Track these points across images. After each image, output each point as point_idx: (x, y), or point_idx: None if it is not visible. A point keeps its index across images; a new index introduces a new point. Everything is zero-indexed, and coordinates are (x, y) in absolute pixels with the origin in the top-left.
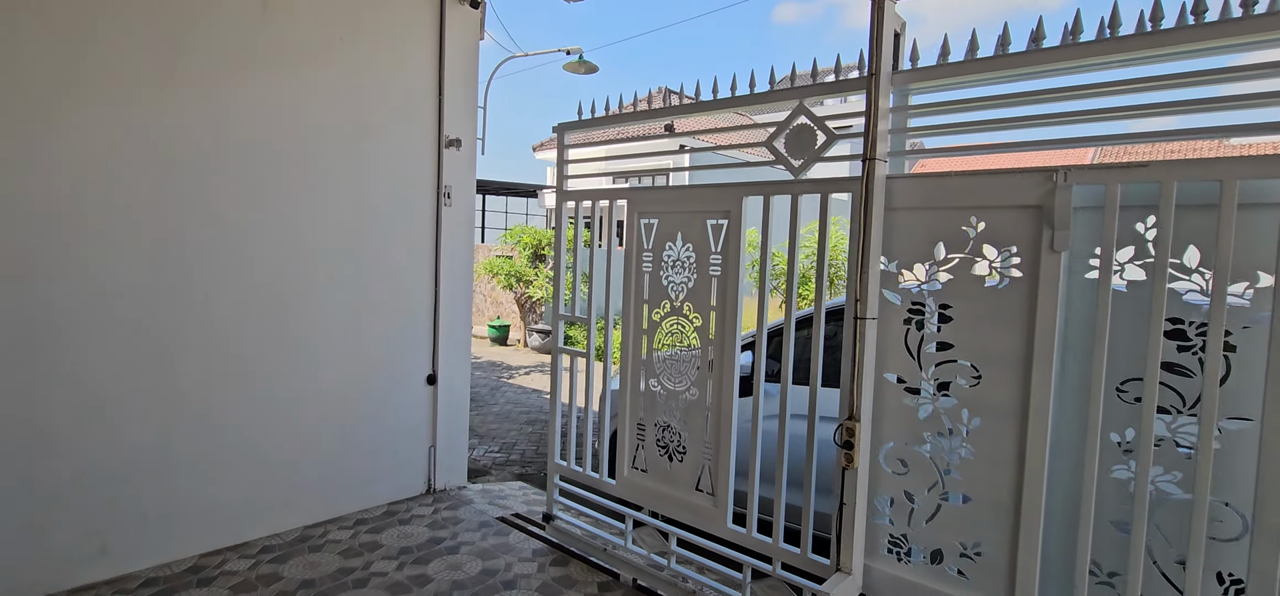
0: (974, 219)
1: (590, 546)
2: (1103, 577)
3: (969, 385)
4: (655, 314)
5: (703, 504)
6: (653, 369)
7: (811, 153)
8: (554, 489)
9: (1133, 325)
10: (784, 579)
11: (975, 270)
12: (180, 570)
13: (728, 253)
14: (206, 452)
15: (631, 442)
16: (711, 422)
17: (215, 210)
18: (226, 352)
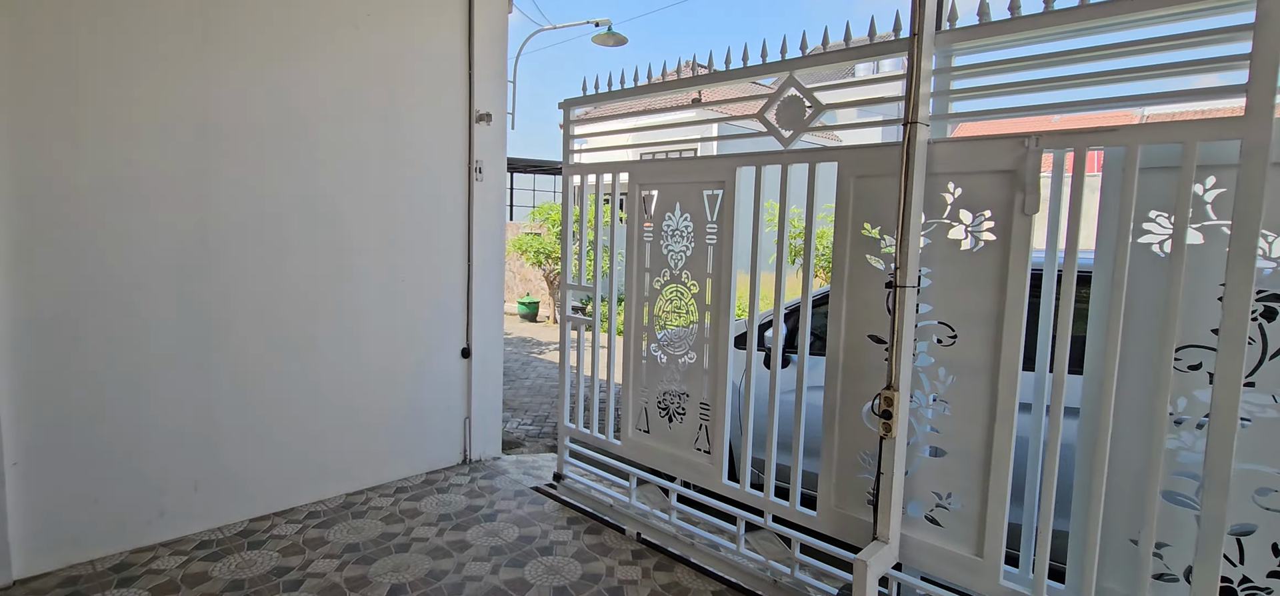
0: (951, 184)
1: (599, 503)
2: (1152, 549)
3: (945, 344)
4: (656, 282)
5: (701, 461)
6: (654, 335)
7: (801, 123)
8: (564, 450)
9: (1190, 291)
10: (774, 530)
11: (951, 234)
12: (232, 533)
13: (722, 222)
14: (252, 422)
15: (635, 404)
16: (708, 385)
17: (252, 185)
18: (268, 325)
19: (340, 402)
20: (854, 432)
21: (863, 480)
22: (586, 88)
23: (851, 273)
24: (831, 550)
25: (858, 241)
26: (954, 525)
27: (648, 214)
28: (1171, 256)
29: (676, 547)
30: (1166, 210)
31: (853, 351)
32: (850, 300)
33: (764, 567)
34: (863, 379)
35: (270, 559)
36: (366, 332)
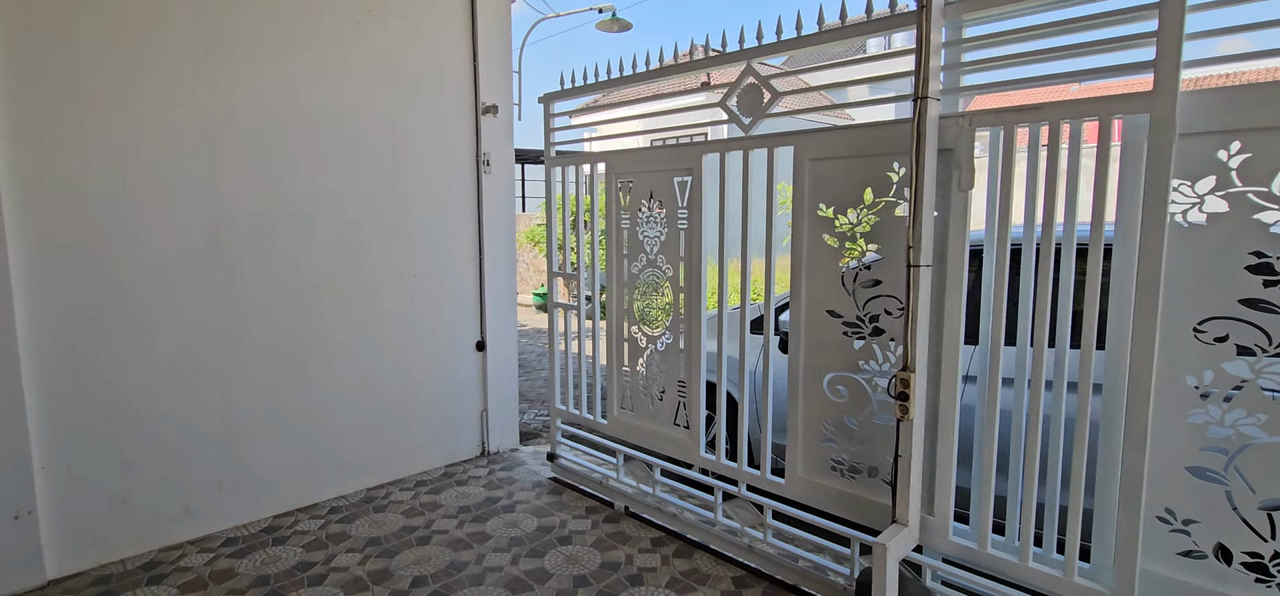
0: (896, 164)
1: (590, 480)
2: (1177, 525)
3: (895, 316)
4: (634, 267)
5: (680, 436)
6: (634, 317)
7: (760, 109)
8: (557, 431)
9: (1212, 261)
10: (748, 498)
11: (898, 212)
12: (256, 530)
13: (692, 207)
14: (271, 420)
15: (619, 385)
16: (685, 364)
17: (262, 184)
18: (283, 324)
19: (358, 398)
20: (816, 404)
21: (826, 447)
22: (564, 82)
23: (809, 252)
24: (816, 521)
25: (814, 222)
26: None
27: (625, 202)
28: (1092, 232)
29: (674, 525)
30: (1190, 178)
31: (813, 327)
32: (809, 278)
33: (788, 556)
34: (822, 353)
35: (294, 554)
36: (381, 328)
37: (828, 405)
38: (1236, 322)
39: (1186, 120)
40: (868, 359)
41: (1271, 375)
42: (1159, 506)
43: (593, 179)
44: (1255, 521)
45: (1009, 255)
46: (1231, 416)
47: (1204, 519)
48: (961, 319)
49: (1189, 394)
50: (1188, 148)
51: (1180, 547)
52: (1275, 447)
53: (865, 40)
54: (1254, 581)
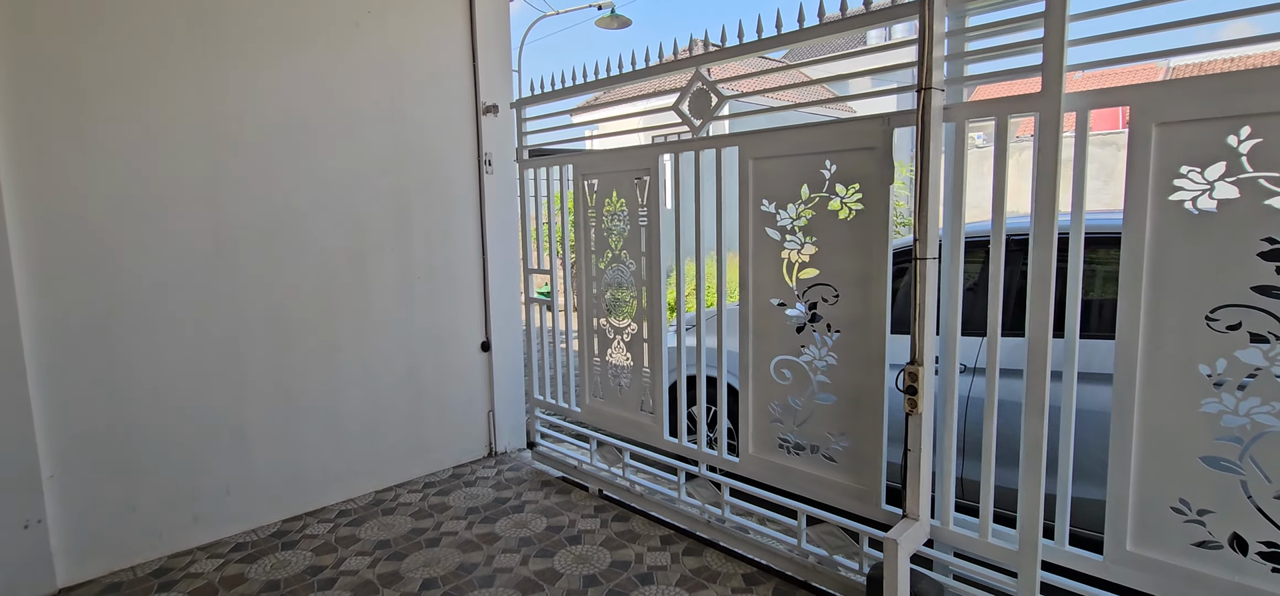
0: (828, 162)
1: (566, 464)
2: (1192, 516)
3: (830, 303)
4: (600, 262)
5: (646, 421)
6: (602, 309)
7: (708, 112)
8: (535, 420)
9: (1223, 248)
10: (709, 477)
11: (831, 206)
12: (266, 535)
13: (651, 204)
14: (278, 425)
15: (590, 374)
16: (648, 352)
17: (263, 189)
18: (287, 328)
19: (364, 401)
20: (764, 386)
21: (774, 427)
22: (535, 88)
23: (754, 245)
24: (774, 499)
25: (758, 217)
26: (846, 459)
27: (591, 201)
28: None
29: (679, 521)
30: (1199, 164)
31: (759, 314)
32: (755, 269)
33: (796, 549)
34: (768, 338)
35: (304, 558)
36: (386, 331)
37: (774, 387)
38: (1249, 310)
39: (1193, 106)
40: (808, 344)
41: None
42: (1173, 497)
43: (562, 180)
44: (1271, 510)
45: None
46: (1246, 405)
47: (1219, 509)
48: (886, 306)
49: (1202, 383)
50: (1196, 133)
51: (1195, 538)
52: None
53: (832, 39)
54: (1270, 571)
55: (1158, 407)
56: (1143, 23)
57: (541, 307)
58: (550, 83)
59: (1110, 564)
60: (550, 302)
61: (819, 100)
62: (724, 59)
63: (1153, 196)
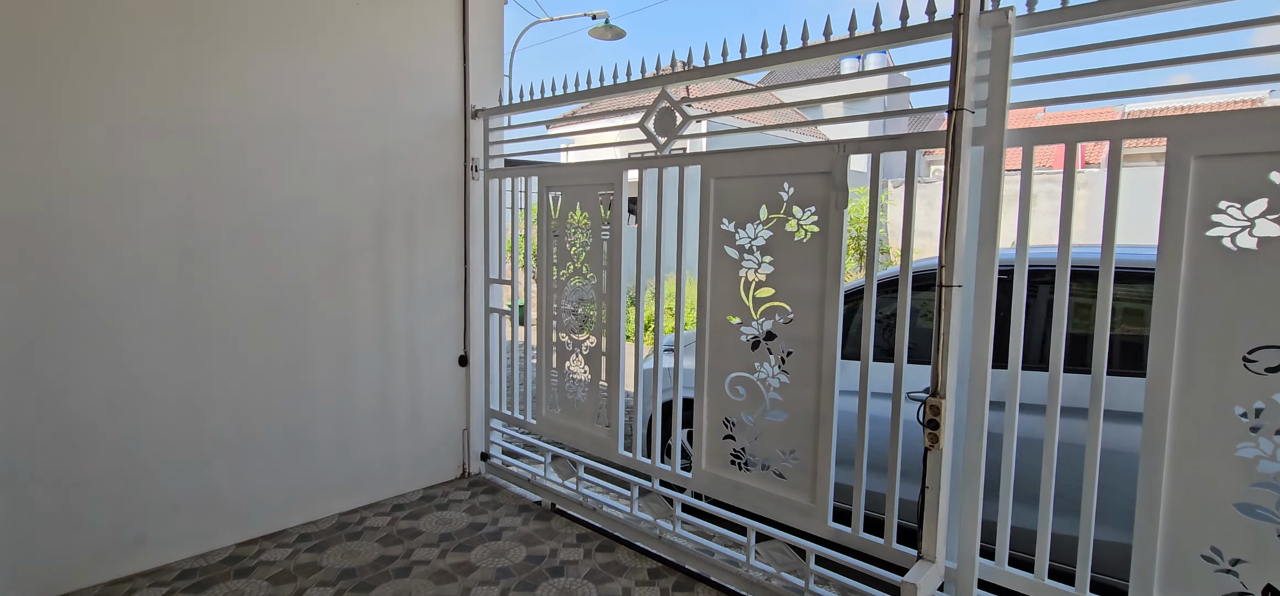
0: (786, 184)
1: (519, 478)
2: (1223, 565)
3: (785, 322)
4: (562, 274)
5: (602, 435)
6: (562, 322)
7: (673, 130)
8: (490, 431)
9: (1263, 287)
10: (661, 493)
11: (788, 227)
12: (218, 560)
13: (614, 219)
14: (240, 439)
15: (547, 386)
16: (606, 366)
17: (239, 187)
18: (257, 335)
19: (332, 416)
20: (719, 402)
21: (726, 443)
22: (503, 99)
23: (713, 263)
24: (739, 520)
25: (718, 235)
26: (795, 476)
27: (555, 213)
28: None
29: (658, 547)
30: (1239, 200)
31: (716, 331)
32: (713, 287)
33: (745, 566)
34: (724, 355)
35: (259, 589)
36: (358, 342)
37: (728, 403)
38: None
39: (1236, 140)
40: (762, 361)
41: None
42: (1204, 545)
43: (527, 191)
44: None
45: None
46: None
47: (1253, 559)
48: (838, 326)
49: (1237, 426)
50: (1237, 167)
51: (1227, 589)
52: None
53: (805, 65)
54: None
55: (1189, 450)
56: (1080, 66)
57: (499, 317)
58: (525, 93)
59: None
60: (509, 313)
61: (787, 124)
62: (689, 79)
63: (1189, 231)
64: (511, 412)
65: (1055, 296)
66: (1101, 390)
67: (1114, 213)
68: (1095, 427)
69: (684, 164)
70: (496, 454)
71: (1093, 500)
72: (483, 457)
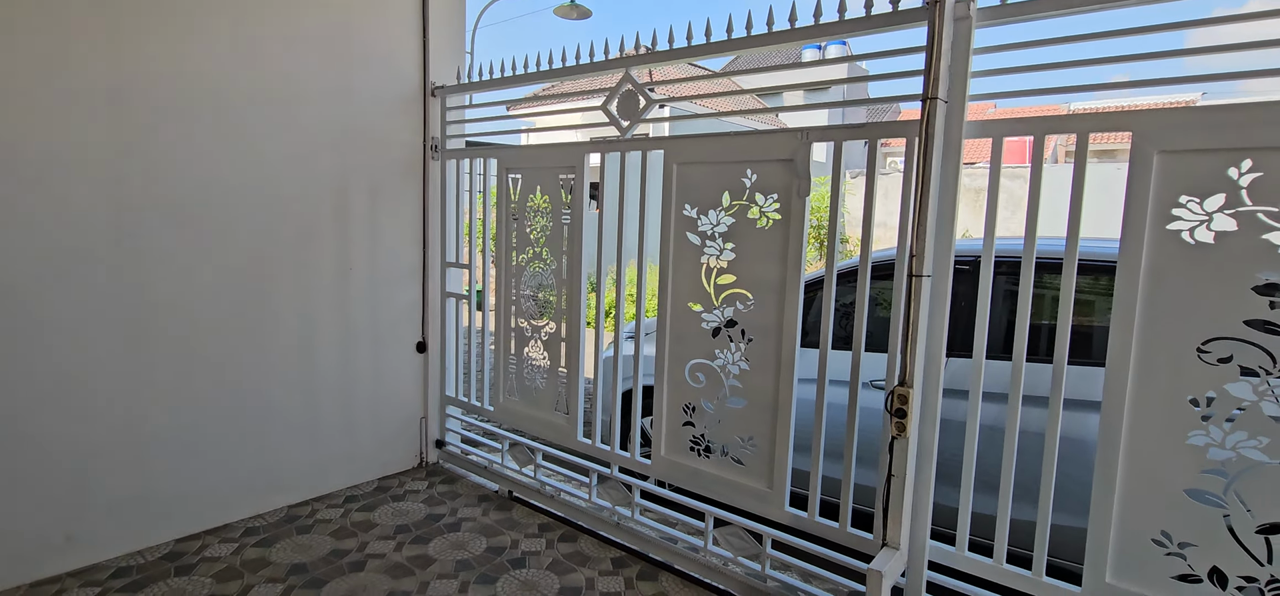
0: (749, 171)
1: (476, 466)
2: (1173, 549)
3: (746, 309)
4: (521, 258)
5: (560, 422)
6: (521, 308)
7: (636, 114)
8: (447, 419)
9: (1218, 280)
10: (620, 479)
11: (750, 214)
12: (155, 557)
13: (575, 204)
14: (181, 432)
15: (505, 373)
16: (565, 353)
17: (179, 165)
18: (201, 323)
19: (280, 405)
20: (679, 389)
21: (686, 430)
22: (460, 77)
23: (675, 249)
24: (697, 505)
25: (680, 221)
26: (753, 462)
27: (514, 196)
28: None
29: (594, 525)
30: (1198, 195)
31: (677, 318)
32: (674, 273)
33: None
34: (684, 342)
35: (202, 586)
36: (309, 328)
37: (688, 390)
38: (1242, 344)
39: (1197, 136)
40: (722, 348)
41: (1276, 397)
42: (1155, 529)
43: (485, 172)
44: (1252, 545)
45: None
46: (1233, 438)
47: (1201, 543)
48: (798, 314)
49: (1190, 414)
50: (1197, 164)
51: (1175, 571)
52: (1276, 470)
53: (767, 51)
54: None
55: (1145, 438)
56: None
57: (456, 302)
58: (486, 72)
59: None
60: (467, 298)
61: (748, 109)
62: (653, 62)
63: (1151, 224)
64: (469, 400)
65: (1020, 287)
66: (1062, 379)
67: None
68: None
69: (647, 148)
70: (455, 442)
71: (1051, 486)
72: (438, 445)
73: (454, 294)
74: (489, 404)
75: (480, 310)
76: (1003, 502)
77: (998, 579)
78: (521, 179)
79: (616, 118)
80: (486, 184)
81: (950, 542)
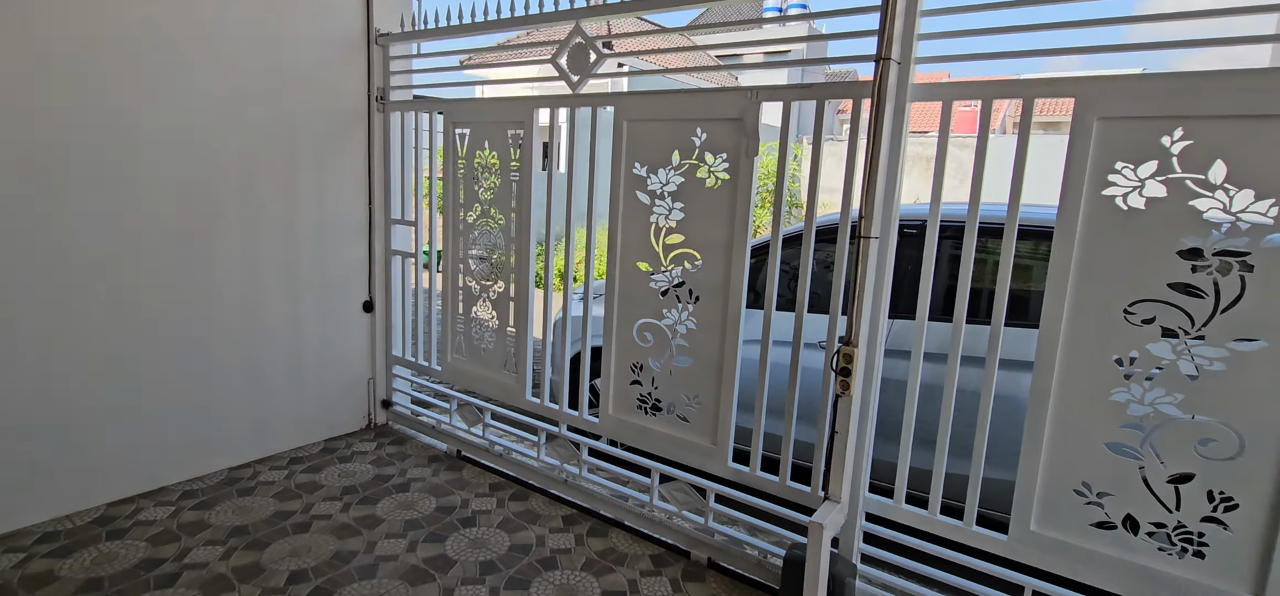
0: (698, 130)
1: (424, 426)
2: (1092, 498)
3: (694, 269)
4: (469, 216)
5: (508, 381)
6: (468, 266)
7: (587, 68)
8: (393, 378)
9: (1147, 245)
10: (569, 438)
11: (699, 174)
12: (85, 521)
13: (524, 161)
14: (107, 395)
15: (453, 331)
16: (514, 312)
17: (100, 111)
18: (124, 281)
19: (218, 364)
20: (627, 349)
21: (633, 389)
22: (404, 24)
23: (625, 208)
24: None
25: (630, 180)
26: (698, 419)
27: (462, 152)
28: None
29: (545, 484)
30: (1133, 161)
31: (626, 277)
32: (624, 232)
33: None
34: (632, 302)
35: (137, 550)
36: (248, 286)
37: (636, 349)
38: (1164, 306)
39: (1136, 103)
40: (670, 308)
41: (1192, 356)
42: (1076, 480)
43: (432, 130)
44: (1163, 494)
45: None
46: (1151, 395)
47: (1117, 492)
48: (744, 274)
49: (1114, 373)
50: (1135, 130)
51: (1093, 519)
52: (1188, 425)
53: (724, 7)
54: (1156, 549)
55: (1072, 395)
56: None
57: (402, 260)
58: (432, 20)
59: (1015, 543)
60: (413, 256)
61: (703, 67)
62: (606, 14)
63: (1088, 190)
64: (417, 360)
65: (963, 251)
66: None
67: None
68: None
69: (597, 104)
70: (404, 404)
71: (984, 442)
72: (384, 405)
73: (400, 252)
74: (436, 364)
75: (437, 271)
76: (939, 458)
77: (931, 529)
78: (469, 134)
79: (566, 72)
80: (433, 141)
81: (887, 496)
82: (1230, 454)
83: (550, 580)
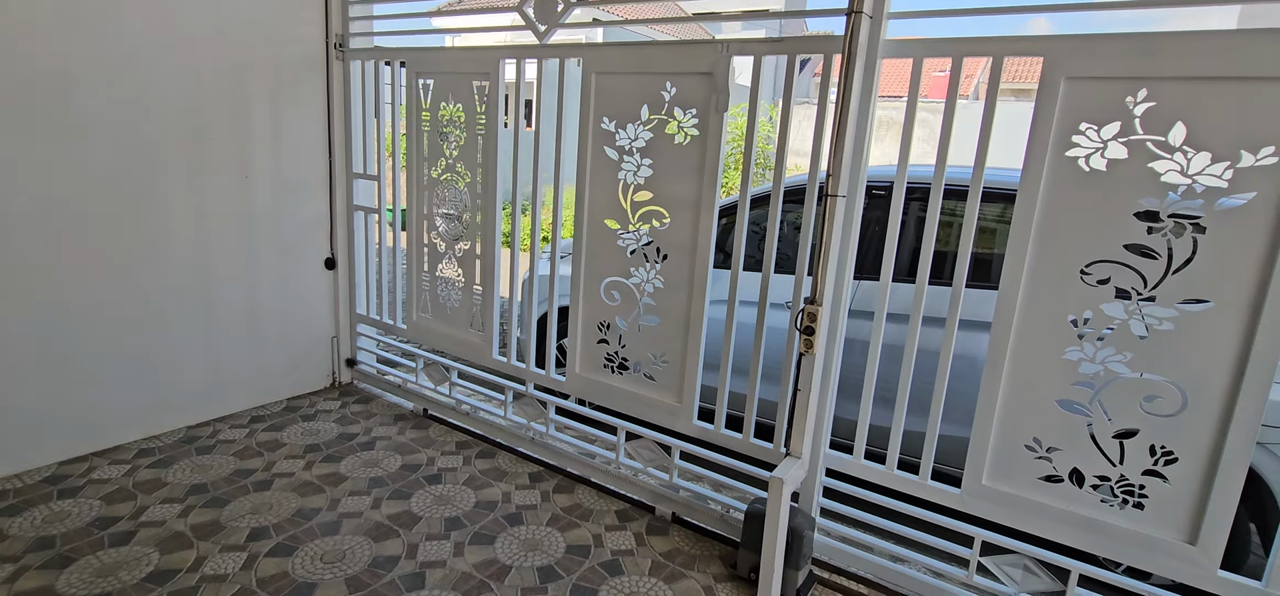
0: (668, 84)
1: (390, 385)
2: (1042, 452)
3: (662, 228)
4: (433, 171)
5: (475, 339)
6: (433, 223)
7: (554, 17)
8: (357, 337)
9: (1107, 206)
10: (535, 396)
11: (668, 130)
12: (35, 481)
13: (490, 113)
14: (64, 351)
15: (418, 289)
16: (480, 269)
17: (27, 47)
18: (66, 235)
19: (174, 321)
20: (595, 307)
21: (601, 348)
22: None
23: (593, 164)
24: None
25: (598, 135)
26: (665, 378)
27: (426, 104)
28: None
29: (512, 441)
30: (1096, 122)
31: (593, 235)
32: (592, 188)
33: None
34: (599, 259)
35: (90, 508)
36: (209, 239)
37: (604, 308)
38: (1119, 266)
39: (1102, 63)
40: (638, 266)
41: (1143, 316)
42: (1027, 436)
43: (394, 82)
44: (1109, 449)
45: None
46: (1102, 354)
47: (1065, 447)
48: (713, 231)
49: (1068, 332)
50: (1099, 91)
51: (1042, 473)
52: (1135, 383)
53: None
54: (1099, 501)
55: (1027, 353)
56: None
57: (365, 216)
58: None
59: (967, 496)
60: (376, 212)
61: (675, 17)
62: None
63: (1052, 151)
64: (381, 318)
65: (928, 212)
66: (959, 301)
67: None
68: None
69: (564, 56)
70: (369, 362)
71: (941, 399)
72: (349, 363)
73: (363, 207)
74: (402, 322)
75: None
76: (898, 415)
77: (888, 483)
78: (433, 86)
79: (533, 21)
80: (396, 93)
81: (847, 452)
82: (1173, 410)
83: (515, 535)
